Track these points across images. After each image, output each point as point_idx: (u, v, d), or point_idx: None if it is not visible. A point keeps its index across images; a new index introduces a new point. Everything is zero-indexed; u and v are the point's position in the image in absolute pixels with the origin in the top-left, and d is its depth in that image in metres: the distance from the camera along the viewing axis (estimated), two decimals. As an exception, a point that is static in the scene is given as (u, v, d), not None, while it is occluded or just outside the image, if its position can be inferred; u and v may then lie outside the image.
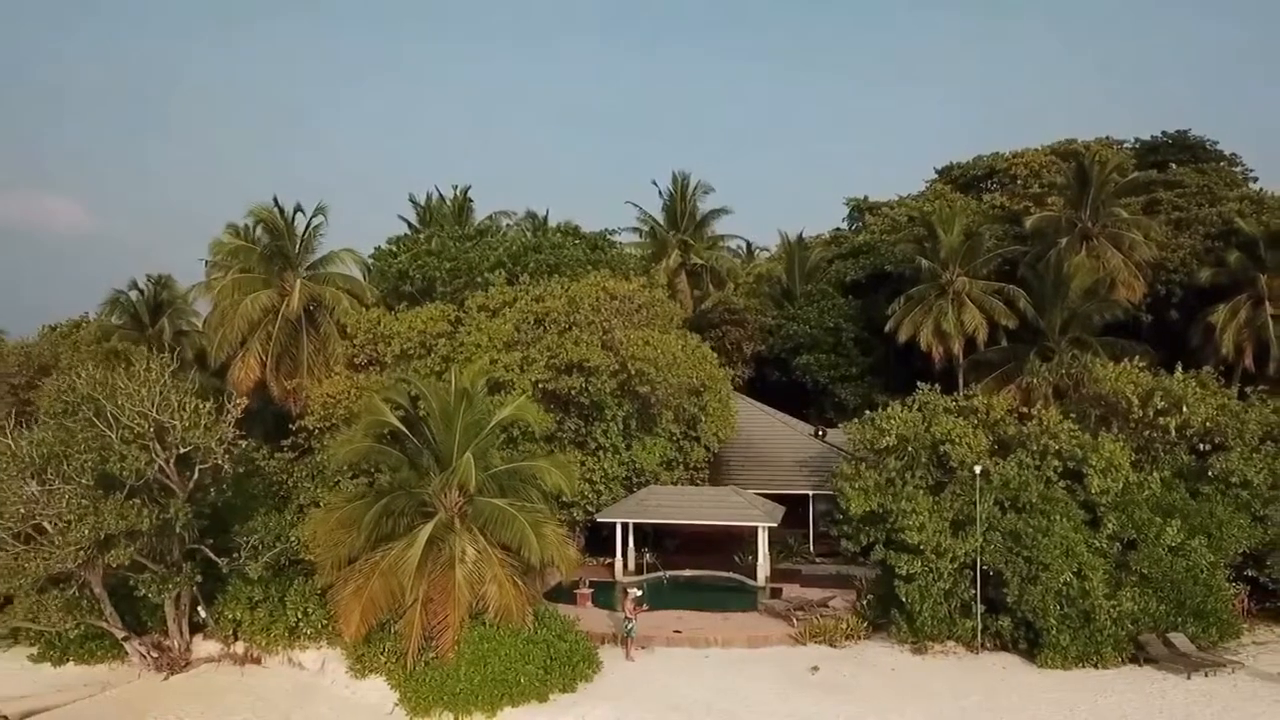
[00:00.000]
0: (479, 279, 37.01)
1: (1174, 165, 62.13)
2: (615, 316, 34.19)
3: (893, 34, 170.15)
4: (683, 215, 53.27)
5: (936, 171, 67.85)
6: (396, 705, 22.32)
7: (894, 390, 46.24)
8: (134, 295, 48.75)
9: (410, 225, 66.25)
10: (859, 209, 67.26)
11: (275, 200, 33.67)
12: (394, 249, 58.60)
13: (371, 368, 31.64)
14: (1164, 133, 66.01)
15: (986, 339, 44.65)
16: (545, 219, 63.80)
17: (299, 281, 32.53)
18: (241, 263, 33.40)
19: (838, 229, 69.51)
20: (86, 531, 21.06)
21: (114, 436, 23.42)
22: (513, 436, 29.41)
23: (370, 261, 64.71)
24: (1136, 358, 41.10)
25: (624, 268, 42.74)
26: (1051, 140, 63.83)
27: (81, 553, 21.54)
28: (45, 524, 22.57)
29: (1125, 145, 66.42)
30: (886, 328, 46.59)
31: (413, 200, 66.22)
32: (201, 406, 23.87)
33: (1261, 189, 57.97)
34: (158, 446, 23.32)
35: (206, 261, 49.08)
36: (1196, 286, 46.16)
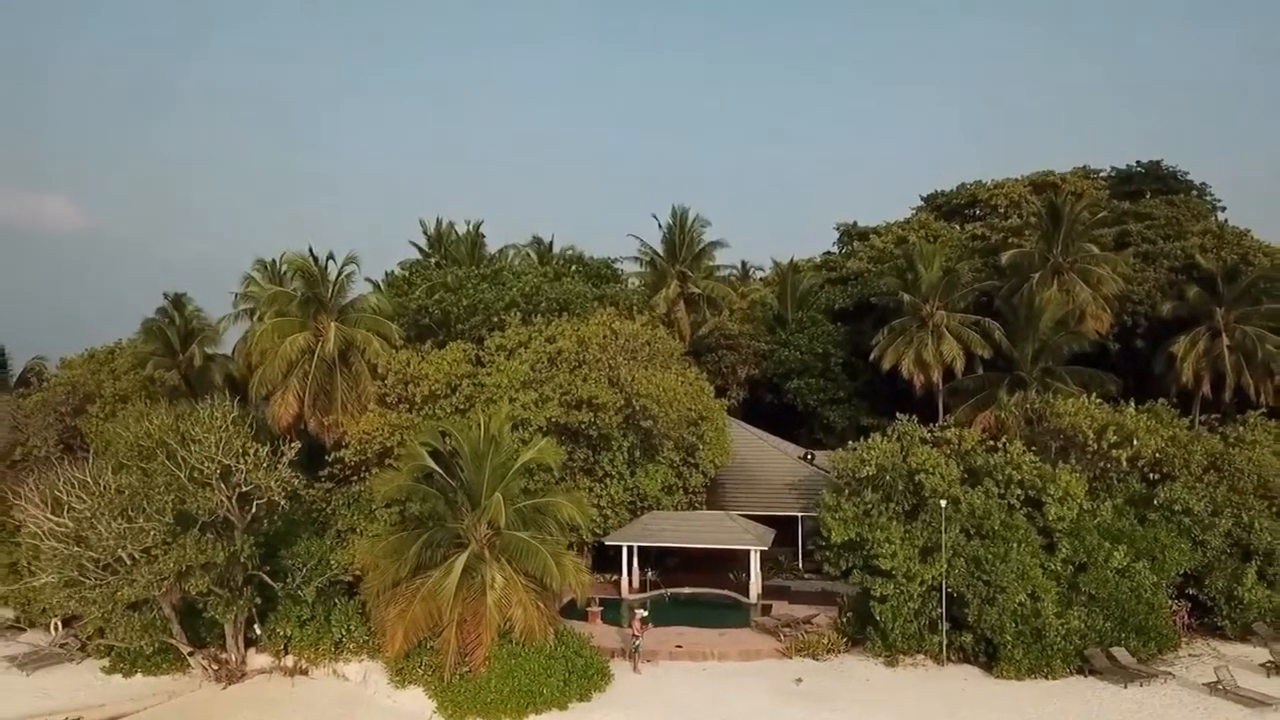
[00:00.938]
0: (494, 318, 40.21)
1: (1148, 194, 65.66)
2: (620, 355, 37.45)
3: (891, 41, 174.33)
4: (681, 246, 56.46)
5: (923, 199, 71.34)
6: (434, 713, 25.57)
7: (879, 413, 49.78)
8: (165, 322, 52.08)
9: (421, 250, 69.80)
10: (849, 235, 70.61)
11: (310, 250, 36.94)
12: (408, 275, 62.05)
13: (401, 405, 34.89)
14: (1138, 162, 69.86)
15: (964, 368, 48.00)
16: (550, 245, 67.45)
17: (333, 325, 35.68)
18: (279, 307, 36.59)
19: (828, 253, 72.88)
20: (171, 564, 24.36)
21: (183, 477, 26.69)
22: (530, 468, 32.59)
23: (382, 283, 68.29)
24: (1097, 390, 44.82)
25: (627, 303, 45.91)
26: (1031, 170, 67.43)
27: (165, 581, 24.82)
28: (124, 556, 25.86)
29: (1101, 174, 70.03)
30: (871, 356, 49.90)
31: (423, 227, 69.76)
32: (260, 451, 27.13)
33: (1225, 220, 61.65)
34: (222, 486, 26.57)
35: (236, 294, 52.73)
36: (1160, 318, 49.57)
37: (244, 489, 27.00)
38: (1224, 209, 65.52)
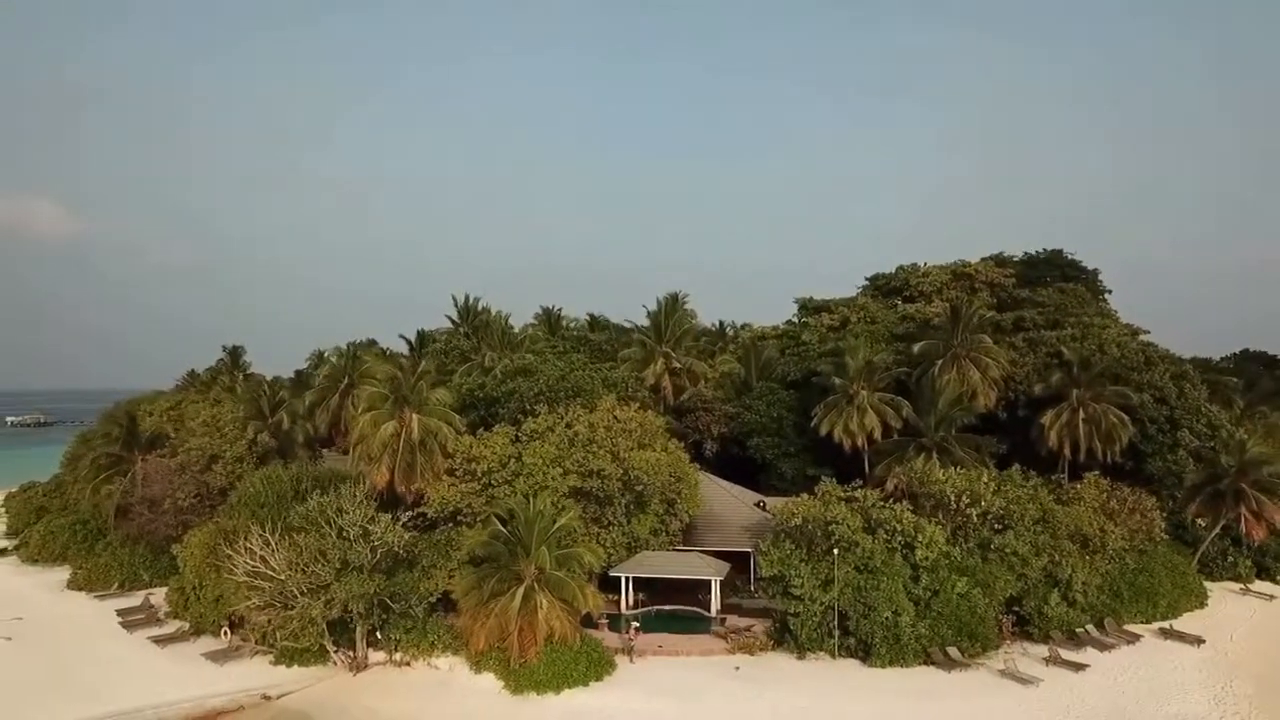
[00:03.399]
0: (526, 405, 54.40)
1: (1049, 279, 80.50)
2: (620, 436, 51.60)
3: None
4: (666, 329, 70.84)
5: (867, 279, 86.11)
6: (502, 689, 39.62)
7: (821, 464, 64.16)
8: (259, 393, 66.28)
9: (452, 321, 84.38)
10: (806, 307, 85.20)
11: (399, 364, 50.97)
12: (444, 348, 76.54)
13: (466, 477, 48.95)
14: (1045, 249, 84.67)
15: (883, 434, 62.26)
16: (558, 316, 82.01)
17: (415, 417, 49.64)
18: (373, 403, 50.56)
19: (790, 321, 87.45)
20: (343, 594, 38.50)
21: (333, 535, 40.86)
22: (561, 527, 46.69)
23: (413, 340, 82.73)
24: (986, 451, 59.11)
25: (624, 385, 60.03)
26: (952, 258, 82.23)
27: (336, 605, 38.95)
28: (297, 590, 39.96)
29: (1015, 259, 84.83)
30: (813, 423, 64.17)
31: (454, 301, 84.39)
32: (387, 519, 41.27)
33: (1105, 302, 76.54)
34: (362, 542, 40.69)
35: (315, 369, 67.37)
36: (1035, 396, 64.06)
37: (375, 543, 41.12)
38: (1109, 292, 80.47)
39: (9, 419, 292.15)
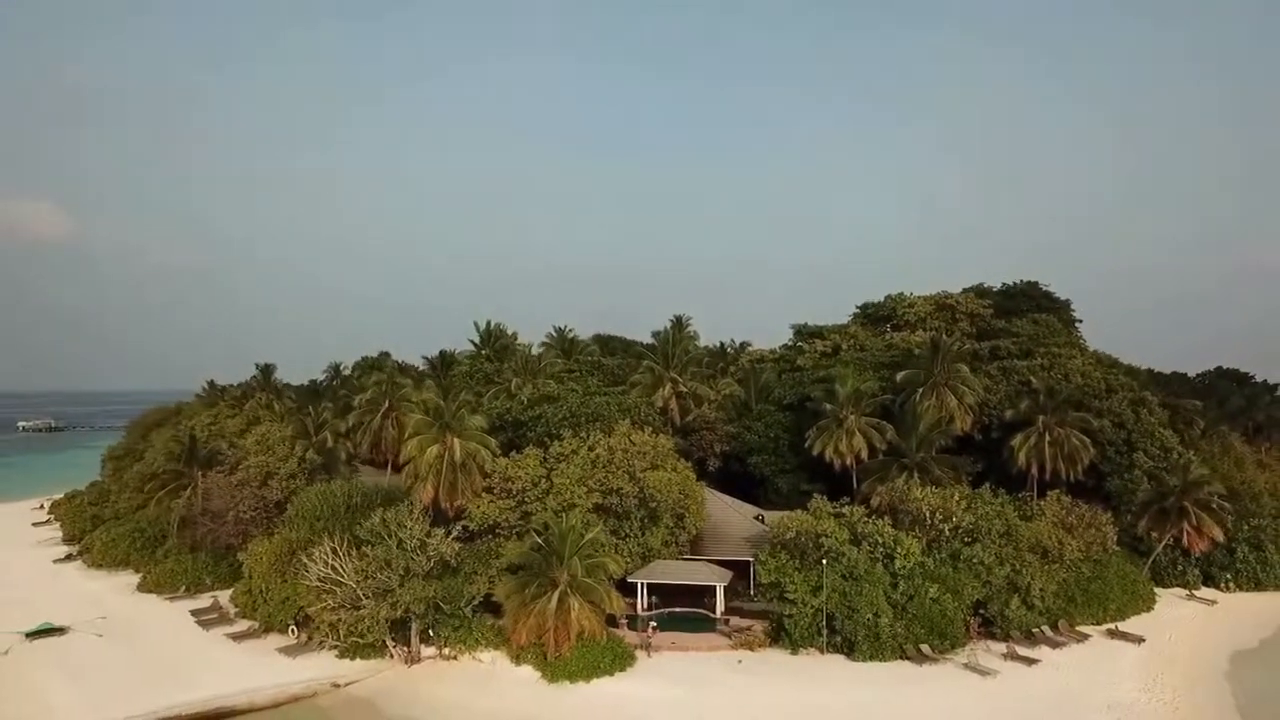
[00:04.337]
0: (552, 429, 61.27)
1: (1025, 309, 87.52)
2: (635, 457, 58.47)
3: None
4: (673, 356, 77.75)
5: (857, 308, 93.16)
6: (540, 678, 46.40)
7: (815, 481, 70.95)
8: (303, 415, 73.10)
9: (474, 344, 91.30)
10: (801, 333, 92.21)
11: (443, 394, 57.78)
12: (469, 370, 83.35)
13: (502, 495, 55.77)
14: (1021, 280, 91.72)
15: (869, 455, 69.15)
16: (572, 339, 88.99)
17: (456, 441, 56.48)
18: (419, 429, 57.39)
19: (786, 345, 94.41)
20: (408, 598, 45.32)
21: (394, 546, 47.70)
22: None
23: (435, 360, 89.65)
24: (963, 471, 65.98)
25: (637, 411, 66.92)
26: (935, 289, 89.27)
27: (400, 606, 45.80)
28: (362, 595, 46.76)
29: (994, 289, 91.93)
30: (806, 444, 71.03)
31: (476, 328, 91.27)
32: (440, 533, 48.08)
33: (1074, 331, 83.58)
34: (420, 552, 47.52)
35: (333, 381, 74.19)
36: (1006, 420, 71.01)
37: (431, 553, 47.96)
38: (1081, 321, 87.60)
39: (20, 424, 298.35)
